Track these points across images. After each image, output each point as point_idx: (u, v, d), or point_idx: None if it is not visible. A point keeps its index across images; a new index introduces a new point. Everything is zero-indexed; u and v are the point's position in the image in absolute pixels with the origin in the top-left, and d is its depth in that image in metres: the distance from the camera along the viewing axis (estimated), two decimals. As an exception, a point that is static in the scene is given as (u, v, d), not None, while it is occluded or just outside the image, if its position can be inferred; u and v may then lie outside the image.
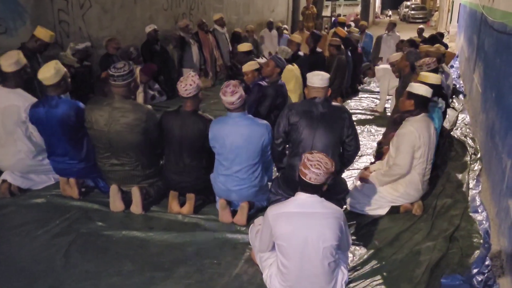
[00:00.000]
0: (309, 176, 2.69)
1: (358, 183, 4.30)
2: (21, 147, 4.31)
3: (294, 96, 6.14)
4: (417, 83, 4.18)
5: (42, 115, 4.06)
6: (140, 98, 7.16)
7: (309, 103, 3.73)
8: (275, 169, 4.21)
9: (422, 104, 4.01)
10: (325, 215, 2.70)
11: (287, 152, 3.93)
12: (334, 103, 3.81)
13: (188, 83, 3.82)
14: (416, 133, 3.88)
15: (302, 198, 2.76)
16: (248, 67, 5.22)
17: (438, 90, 4.54)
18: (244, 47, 7.05)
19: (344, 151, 3.84)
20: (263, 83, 5.11)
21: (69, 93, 4.34)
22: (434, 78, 4.41)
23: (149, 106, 4.12)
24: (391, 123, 4.33)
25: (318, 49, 8.03)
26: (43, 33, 5.21)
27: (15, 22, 5.87)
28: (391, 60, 6.33)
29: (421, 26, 11.66)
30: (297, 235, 2.67)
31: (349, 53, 8.52)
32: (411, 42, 8.04)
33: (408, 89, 4.10)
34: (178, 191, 4.14)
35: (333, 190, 3.78)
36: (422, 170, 3.98)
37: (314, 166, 2.68)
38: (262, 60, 6.23)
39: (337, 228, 2.69)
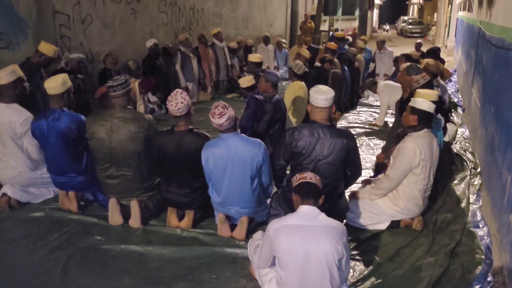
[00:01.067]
0: (309, 176, 2.85)
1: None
2: (19, 161, 4.32)
3: (296, 114, 6.15)
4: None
5: (44, 127, 4.08)
6: (141, 109, 7.22)
7: (311, 127, 3.64)
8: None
9: (425, 120, 3.96)
10: (326, 228, 2.69)
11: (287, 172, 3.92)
12: (338, 128, 3.74)
13: (179, 101, 3.75)
14: (417, 150, 3.84)
15: (303, 210, 2.76)
16: (245, 82, 5.23)
17: (438, 106, 4.53)
18: (254, 57, 7.00)
19: (345, 173, 3.83)
20: (259, 96, 5.08)
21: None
22: (431, 96, 4.32)
23: (150, 116, 4.15)
24: (394, 137, 4.31)
25: (317, 63, 8.08)
26: (47, 48, 5.27)
27: (17, 37, 5.89)
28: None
29: (419, 40, 11.72)
30: (297, 248, 2.65)
31: (346, 68, 8.59)
32: (408, 57, 8.07)
33: (411, 104, 4.06)
34: (177, 208, 4.12)
35: (336, 210, 3.78)
36: (423, 186, 3.97)
37: (309, 175, 2.88)
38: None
39: (338, 242, 2.67)
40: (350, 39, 12.39)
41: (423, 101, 4.01)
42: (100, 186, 4.24)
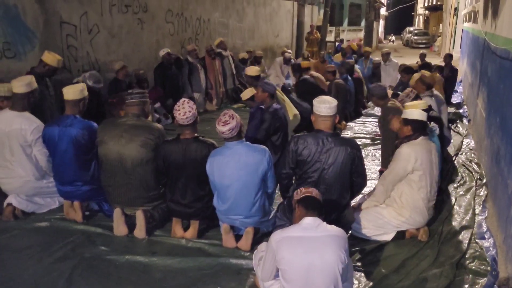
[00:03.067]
0: (315, 192, 2.88)
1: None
2: (26, 170, 4.34)
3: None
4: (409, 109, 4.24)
5: (56, 133, 4.13)
6: (149, 118, 7.23)
7: (316, 136, 3.68)
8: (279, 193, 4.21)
9: (419, 128, 4.06)
10: (328, 238, 2.69)
11: (293, 182, 3.92)
12: (343, 136, 3.79)
13: (186, 110, 3.81)
14: (412, 155, 3.90)
15: (306, 222, 2.75)
16: (246, 95, 5.33)
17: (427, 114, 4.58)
18: (251, 71, 6.88)
19: (351, 182, 3.85)
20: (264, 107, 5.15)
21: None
22: (420, 105, 4.45)
23: (161, 125, 4.22)
24: (393, 148, 4.33)
25: (306, 76, 8.13)
26: (50, 58, 5.30)
27: (24, 47, 5.96)
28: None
29: (422, 51, 11.76)
30: (300, 259, 2.64)
31: (349, 77, 8.64)
32: (408, 70, 8.11)
33: (403, 116, 4.17)
34: (182, 218, 4.13)
35: (342, 221, 3.77)
36: (426, 195, 3.97)
37: (311, 189, 2.88)
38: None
39: (341, 251, 2.67)
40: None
41: (413, 110, 4.13)
42: (105, 196, 4.26)
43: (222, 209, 3.86)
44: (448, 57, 10.59)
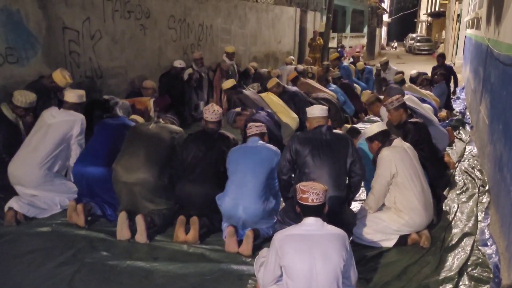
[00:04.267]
0: (311, 198, 2.81)
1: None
2: (43, 161, 4.46)
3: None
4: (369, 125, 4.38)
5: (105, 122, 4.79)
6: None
7: (313, 131, 3.89)
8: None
9: (385, 137, 4.14)
10: (329, 236, 2.75)
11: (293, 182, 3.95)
12: (337, 131, 3.97)
13: (216, 109, 4.41)
14: (391, 157, 3.98)
15: (308, 222, 2.82)
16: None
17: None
18: (227, 84, 7.03)
19: (350, 178, 3.95)
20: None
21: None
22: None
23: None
24: (373, 164, 4.35)
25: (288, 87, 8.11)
26: (59, 78, 5.45)
27: (27, 52, 5.98)
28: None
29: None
30: (304, 257, 2.68)
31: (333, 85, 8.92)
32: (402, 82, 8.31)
33: (365, 137, 4.28)
34: (186, 205, 4.21)
35: (342, 219, 3.78)
36: (419, 193, 4.00)
37: (311, 188, 2.83)
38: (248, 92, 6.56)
39: (342, 248, 2.73)
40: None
41: (372, 127, 4.24)
42: (109, 199, 4.38)
43: (232, 192, 3.98)
44: (441, 58, 10.74)
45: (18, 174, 4.48)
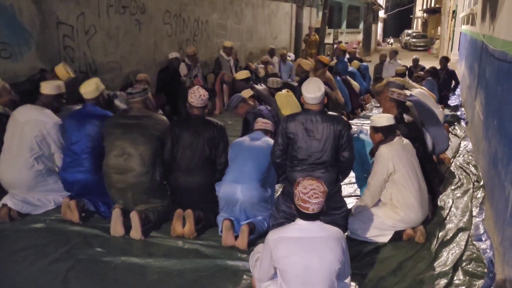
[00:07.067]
0: (312, 207, 2.68)
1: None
2: (30, 162, 4.37)
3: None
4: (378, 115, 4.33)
5: (77, 115, 4.48)
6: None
7: (305, 113, 3.85)
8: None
9: (390, 132, 4.12)
10: (325, 238, 2.69)
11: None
12: (330, 113, 3.88)
13: (202, 93, 4.21)
14: (389, 155, 3.97)
15: (302, 224, 2.75)
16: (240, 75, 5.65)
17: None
18: (241, 75, 7.10)
19: (339, 163, 3.86)
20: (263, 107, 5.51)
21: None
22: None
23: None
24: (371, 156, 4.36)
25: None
26: (61, 72, 5.45)
27: (21, 47, 5.94)
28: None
29: (414, 56, 11.99)
30: (298, 260, 2.65)
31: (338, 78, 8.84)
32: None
33: (371, 124, 4.23)
34: (182, 197, 4.20)
35: (330, 202, 3.76)
36: (415, 191, 4.00)
37: (312, 196, 2.66)
38: (260, 87, 6.41)
39: (339, 250, 2.68)
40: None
41: (380, 117, 4.21)
42: (102, 196, 4.32)
43: (229, 179, 4.08)
44: (444, 60, 10.60)
45: (9, 180, 4.43)
